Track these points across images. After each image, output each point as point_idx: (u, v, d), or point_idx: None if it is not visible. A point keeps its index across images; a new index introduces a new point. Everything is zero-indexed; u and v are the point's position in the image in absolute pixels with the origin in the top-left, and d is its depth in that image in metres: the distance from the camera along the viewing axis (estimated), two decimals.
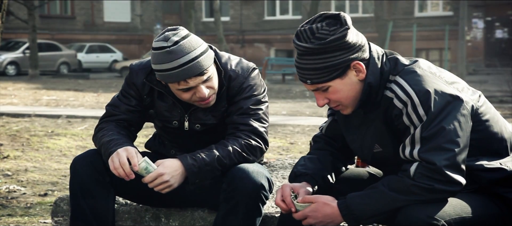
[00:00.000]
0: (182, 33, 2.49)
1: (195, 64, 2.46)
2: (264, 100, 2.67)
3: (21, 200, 4.58)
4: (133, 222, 2.94)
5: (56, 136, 7.74)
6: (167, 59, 2.45)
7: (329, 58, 2.12)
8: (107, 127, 2.65)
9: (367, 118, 2.25)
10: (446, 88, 2.12)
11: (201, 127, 2.66)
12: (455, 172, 2.06)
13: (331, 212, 2.17)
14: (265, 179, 2.50)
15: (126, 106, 2.69)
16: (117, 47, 32.80)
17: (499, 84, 17.87)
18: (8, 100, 13.90)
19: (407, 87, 2.12)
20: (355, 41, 2.13)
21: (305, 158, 2.44)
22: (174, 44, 2.45)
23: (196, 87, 2.51)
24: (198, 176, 2.50)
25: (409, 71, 2.16)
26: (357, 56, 2.14)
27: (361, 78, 2.17)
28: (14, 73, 26.60)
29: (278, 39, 32.62)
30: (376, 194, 2.12)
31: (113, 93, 16.64)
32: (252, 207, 2.48)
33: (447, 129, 2.06)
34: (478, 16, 28.57)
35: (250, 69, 2.66)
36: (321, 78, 2.15)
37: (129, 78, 2.70)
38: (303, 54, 2.14)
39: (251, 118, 2.60)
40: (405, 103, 2.11)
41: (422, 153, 2.07)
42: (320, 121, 10.13)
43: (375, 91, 2.18)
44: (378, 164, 2.39)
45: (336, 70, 2.13)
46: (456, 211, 2.08)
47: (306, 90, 18.24)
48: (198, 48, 2.49)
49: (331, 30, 2.11)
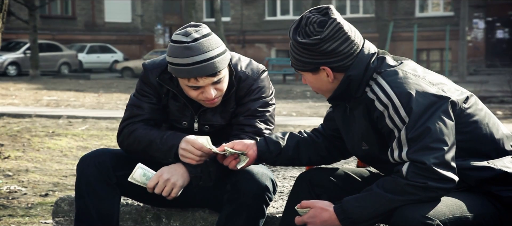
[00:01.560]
0: (204, 31, 2.48)
1: (210, 64, 2.44)
2: (272, 103, 2.68)
3: (22, 200, 4.58)
4: (134, 222, 2.94)
5: (57, 137, 7.74)
6: (183, 54, 2.43)
7: (302, 54, 2.22)
8: (140, 127, 2.60)
9: (352, 114, 2.29)
10: (428, 88, 2.13)
11: (210, 128, 2.66)
12: (445, 169, 2.07)
13: (328, 217, 2.19)
14: (269, 180, 2.51)
15: (148, 104, 2.65)
16: (118, 48, 32.81)
17: (500, 84, 17.86)
18: (9, 101, 13.91)
19: (388, 89, 2.14)
20: (331, 50, 2.17)
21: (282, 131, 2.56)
22: (193, 41, 2.44)
23: (205, 87, 2.50)
24: (200, 179, 2.50)
25: (392, 73, 2.18)
26: (328, 63, 2.20)
27: (330, 80, 2.24)
28: (15, 74, 26.61)
29: (279, 39, 32.61)
30: (371, 197, 2.13)
31: (114, 93, 16.66)
32: (256, 209, 2.49)
33: (433, 129, 2.07)
34: (479, 17, 28.56)
35: (260, 71, 2.66)
36: (296, 66, 2.29)
37: (145, 78, 2.66)
38: (290, 39, 2.26)
39: (257, 120, 2.60)
40: (386, 106, 2.13)
41: (410, 155, 2.08)
42: (320, 121, 10.11)
43: (356, 85, 2.22)
44: (369, 161, 2.41)
45: (307, 66, 2.24)
46: (451, 211, 2.09)
47: (307, 91, 18.24)
48: (216, 49, 2.46)
49: (315, 31, 2.18)
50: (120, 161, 2.59)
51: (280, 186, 3.27)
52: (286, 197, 2.92)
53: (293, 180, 3.35)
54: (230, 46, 29.61)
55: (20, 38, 28.90)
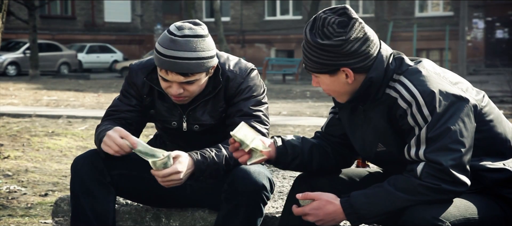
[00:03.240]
0: (198, 31, 2.48)
1: (183, 63, 2.44)
2: (264, 101, 2.66)
3: (22, 200, 4.58)
4: (134, 222, 2.94)
5: (57, 136, 7.74)
6: (165, 44, 2.46)
7: (322, 56, 2.15)
8: (106, 124, 2.63)
9: (367, 116, 2.25)
10: (450, 88, 2.12)
11: (200, 128, 2.66)
12: (461, 172, 2.06)
13: (334, 211, 2.16)
14: (266, 179, 2.50)
15: (126, 106, 2.68)
16: (118, 48, 32.80)
17: (500, 84, 17.83)
18: (9, 101, 13.91)
19: (411, 87, 2.12)
20: (354, 51, 2.14)
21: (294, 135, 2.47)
22: (182, 36, 2.45)
23: (172, 82, 2.51)
24: (204, 173, 2.49)
25: (414, 71, 2.16)
26: (350, 64, 2.15)
27: (349, 82, 2.19)
28: (14, 74, 26.62)
29: (279, 39, 32.61)
30: (381, 193, 2.12)
31: (113, 93, 16.65)
32: (253, 208, 2.48)
33: (453, 130, 2.06)
34: (479, 16, 28.55)
35: (249, 69, 2.65)
36: (312, 68, 2.21)
37: (129, 78, 2.70)
38: (305, 41, 2.19)
39: (252, 120, 2.58)
40: (410, 104, 2.11)
41: (428, 154, 2.07)
42: (320, 121, 10.13)
43: (377, 87, 2.18)
44: (381, 163, 2.39)
45: (326, 68, 2.17)
46: (461, 212, 2.08)
47: (306, 91, 18.24)
48: (199, 52, 2.46)
49: (336, 32, 2.13)
50: (114, 161, 2.59)
51: (280, 185, 3.27)
52: (286, 196, 2.91)
53: (292, 180, 3.34)
54: (230, 46, 29.60)
55: (20, 38, 28.89)
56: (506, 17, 28.00)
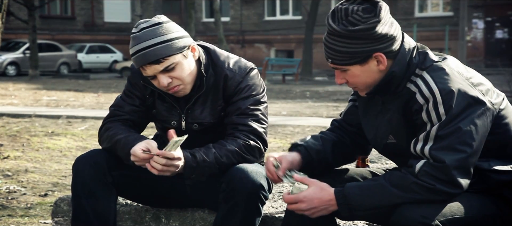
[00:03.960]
0: (154, 20, 2.52)
1: (149, 52, 2.46)
2: (263, 101, 2.66)
3: (21, 200, 4.58)
4: (133, 222, 2.94)
5: (56, 137, 7.74)
6: (131, 44, 2.51)
7: (353, 44, 2.11)
8: (115, 126, 2.64)
9: (385, 107, 2.24)
10: (470, 90, 2.11)
11: (199, 127, 2.66)
12: (461, 175, 2.05)
13: (328, 199, 2.14)
14: (264, 179, 2.50)
15: (130, 107, 2.69)
16: (117, 48, 32.80)
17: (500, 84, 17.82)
18: (8, 101, 13.90)
19: (432, 84, 2.11)
20: (385, 33, 2.11)
21: (310, 135, 2.45)
22: (139, 30, 2.49)
23: (157, 76, 2.51)
24: (194, 171, 2.49)
25: (437, 68, 2.15)
26: (382, 48, 2.12)
27: (381, 69, 2.15)
28: (14, 74, 26.62)
29: (278, 39, 32.62)
30: (376, 188, 2.11)
31: (113, 93, 16.65)
32: (251, 207, 2.48)
33: (463, 130, 2.05)
34: (478, 17, 28.57)
35: (248, 68, 2.65)
36: (342, 61, 2.15)
37: (132, 79, 2.71)
38: (330, 34, 2.14)
39: (250, 119, 2.59)
40: (427, 100, 2.10)
41: (433, 150, 2.06)
42: (320, 121, 10.13)
43: (398, 81, 2.17)
44: (389, 155, 2.37)
45: (357, 56, 2.13)
46: (452, 211, 2.07)
47: (306, 91, 18.23)
48: (161, 37, 2.48)
49: (363, 17, 2.10)
50: (115, 161, 2.60)
51: (281, 185, 3.27)
52: None
53: None
54: (230, 46, 29.60)
55: (20, 38, 28.90)
56: (506, 17, 28.02)
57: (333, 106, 13.12)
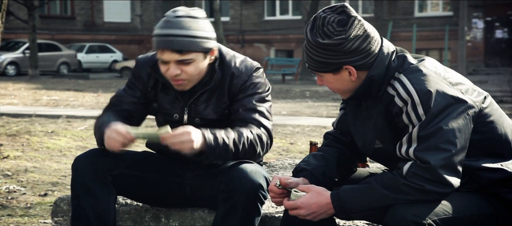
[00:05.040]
0: (192, 13, 2.54)
1: (176, 40, 2.48)
2: (268, 99, 2.68)
3: (21, 200, 4.58)
4: (133, 222, 2.94)
5: (56, 136, 7.74)
6: (160, 25, 2.53)
7: (325, 55, 2.15)
8: (106, 115, 2.64)
9: (369, 113, 2.26)
10: (449, 89, 2.11)
11: (201, 121, 2.66)
12: (449, 173, 2.05)
13: (325, 203, 2.17)
14: (263, 178, 2.50)
15: (130, 98, 2.71)
16: (117, 47, 32.81)
17: (499, 84, 17.87)
18: (8, 100, 13.90)
19: (409, 86, 2.12)
20: (354, 49, 2.13)
21: (310, 155, 2.45)
22: (175, 17, 2.51)
23: (170, 63, 2.53)
24: (214, 151, 2.45)
25: (414, 69, 2.16)
26: (352, 62, 2.15)
27: (353, 80, 2.18)
28: (14, 73, 26.61)
29: (278, 39, 32.61)
30: (368, 190, 2.13)
31: (113, 93, 16.64)
32: (250, 207, 2.48)
33: (445, 130, 2.06)
34: (478, 16, 28.56)
35: (254, 68, 2.67)
36: (316, 68, 2.21)
37: (136, 71, 2.73)
38: (307, 41, 2.19)
39: (258, 114, 2.60)
40: (406, 102, 2.11)
41: (417, 152, 2.07)
42: (320, 121, 10.14)
43: (378, 85, 2.18)
44: (379, 160, 2.39)
45: (329, 66, 2.17)
46: (444, 210, 2.08)
47: (306, 91, 18.24)
48: (193, 31, 2.50)
49: (336, 31, 2.12)
50: (115, 160, 2.60)
51: None
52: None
53: None
54: (229, 46, 29.44)
55: (19, 38, 28.89)
56: (506, 17, 28.01)
57: (333, 106, 13.13)
